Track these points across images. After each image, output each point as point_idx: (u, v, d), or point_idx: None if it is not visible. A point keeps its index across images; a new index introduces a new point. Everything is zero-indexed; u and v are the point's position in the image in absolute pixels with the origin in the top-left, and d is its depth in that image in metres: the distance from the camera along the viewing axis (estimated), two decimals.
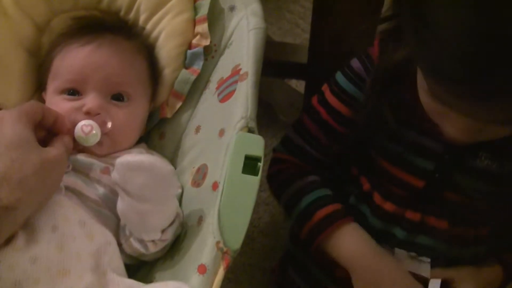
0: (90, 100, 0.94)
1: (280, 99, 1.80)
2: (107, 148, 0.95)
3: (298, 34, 2.07)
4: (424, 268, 0.98)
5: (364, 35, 1.17)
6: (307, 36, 1.51)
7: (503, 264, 1.03)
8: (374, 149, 1.02)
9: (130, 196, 0.81)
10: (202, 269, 0.77)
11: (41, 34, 1.06)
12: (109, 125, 0.93)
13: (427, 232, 1.00)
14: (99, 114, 0.93)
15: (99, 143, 0.91)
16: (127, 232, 0.86)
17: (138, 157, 0.79)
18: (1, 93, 1.02)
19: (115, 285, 0.79)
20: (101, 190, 0.90)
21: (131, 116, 0.98)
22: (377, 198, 1.02)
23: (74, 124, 0.90)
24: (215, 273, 0.77)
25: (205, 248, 0.79)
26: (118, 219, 0.87)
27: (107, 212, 0.88)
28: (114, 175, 0.80)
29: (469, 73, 0.67)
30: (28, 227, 0.76)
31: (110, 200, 0.88)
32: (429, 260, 0.99)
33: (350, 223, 1.00)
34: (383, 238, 1.01)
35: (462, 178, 0.96)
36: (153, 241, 0.85)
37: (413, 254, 1.00)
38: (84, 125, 0.89)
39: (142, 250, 0.86)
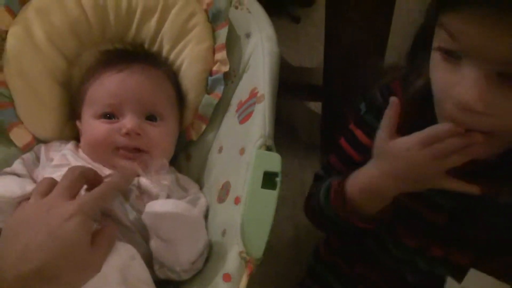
0: (128, 121, 1.01)
1: (300, 120, 1.86)
2: (147, 167, 1.00)
3: (316, 56, 2.13)
4: None
5: (374, 54, 1.23)
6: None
7: None
8: None
9: (161, 240, 0.87)
10: (227, 277, 0.82)
11: (72, 67, 1.13)
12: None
13: (449, 266, 0.96)
14: (138, 134, 1.01)
15: (140, 162, 0.99)
16: (158, 262, 0.91)
17: (165, 207, 0.85)
18: (37, 123, 1.10)
19: None
20: (133, 214, 0.95)
21: (165, 133, 1.06)
22: (400, 232, 1.01)
23: (114, 144, 1.00)
24: (240, 281, 0.81)
25: (229, 258, 0.84)
26: (147, 243, 0.91)
27: (137, 237, 0.93)
28: (144, 219, 0.87)
29: None
30: None
31: (141, 225, 0.92)
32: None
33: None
34: (405, 267, 1.02)
35: (484, 214, 0.92)
36: (185, 270, 0.90)
37: None
38: None
39: (175, 277, 0.90)
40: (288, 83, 1.50)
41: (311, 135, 1.80)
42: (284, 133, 0.96)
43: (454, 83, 0.74)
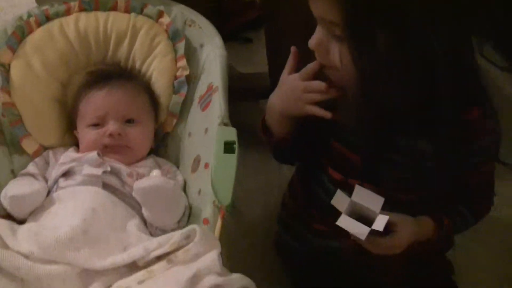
0: (111, 126, 1.28)
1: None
2: (130, 156, 1.29)
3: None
4: (376, 204, 1.01)
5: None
6: None
7: (435, 219, 1.13)
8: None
9: (150, 210, 1.14)
10: (205, 221, 1.06)
11: (66, 87, 1.40)
12: None
13: None
14: (120, 135, 1.27)
15: (124, 153, 1.27)
16: (153, 225, 1.16)
17: (148, 182, 1.11)
18: (42, 134, 1.36)
19: (134, 237, 1.09)
20: (127, 188, 1.21)
21: (141, 131, 1.32)
22: (328, 166, 1.19)
23: (103, 144, 1.26)
24: (216, 222, 1.04)
25: (206, 207, 1.08)
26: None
27: (134, 203, 1.18)
28: (135, 196, 1.13)
29: None
30: (77, 214, 1.07)
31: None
32: (383, 198, 1.01)
33: None
34: None
35: (393, 156, 1.07)
36: (173, 229, 1.13)
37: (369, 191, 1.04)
38: None
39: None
40: (241, 88, 1.72)
41: None
42: (248, 135, 1.18)
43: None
